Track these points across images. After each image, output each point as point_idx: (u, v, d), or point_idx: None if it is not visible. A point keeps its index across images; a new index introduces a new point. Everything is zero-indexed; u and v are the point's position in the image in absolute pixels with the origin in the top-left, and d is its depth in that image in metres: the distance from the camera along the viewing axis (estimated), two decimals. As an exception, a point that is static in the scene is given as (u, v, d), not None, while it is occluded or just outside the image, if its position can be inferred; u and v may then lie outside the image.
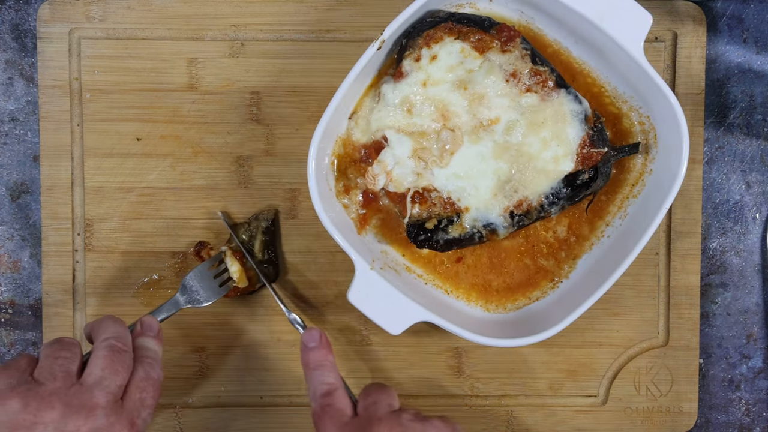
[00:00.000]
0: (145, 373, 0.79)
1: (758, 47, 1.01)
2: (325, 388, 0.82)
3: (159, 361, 0.83)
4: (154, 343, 0.84)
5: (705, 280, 1.01)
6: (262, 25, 0.97)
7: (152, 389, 0.79)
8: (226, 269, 0.95)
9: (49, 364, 0.75)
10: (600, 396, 1.01)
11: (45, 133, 0.97)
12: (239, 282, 0.94)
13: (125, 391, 0.77)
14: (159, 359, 0.83)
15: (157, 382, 0.80)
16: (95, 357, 0.77)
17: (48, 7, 0.96)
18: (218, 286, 0.94)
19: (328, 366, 0.83)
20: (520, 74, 0.89)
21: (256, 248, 0.95)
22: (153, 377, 0.80)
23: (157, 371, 0.81)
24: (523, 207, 0.90)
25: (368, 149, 0.91)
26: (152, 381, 0.80)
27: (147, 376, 0.79)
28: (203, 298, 0.93)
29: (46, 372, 0.75)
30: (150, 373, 0.80)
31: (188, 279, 0.93)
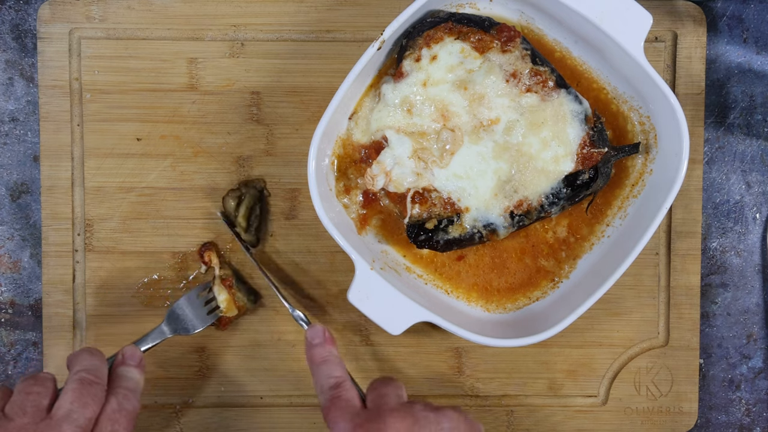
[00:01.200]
0: (118, 405, 0.78)
1: (758, 47, 1.01)
2: (332, 381, 0.81)
3: (137, 391, 0.82)
4: (135, 372, 0.83)
5: (705, 280, 1.01)
6: (262, 25, 0.97)
7: (125, 420, 0.78)
8: (215, 297, 0.95)
9: (21, 399, 0.75)
10: (600, 396, 1.01)
11: (45, 133, 0.97)
12: (227, 311, 0.95)
13: (96, 422, 0.76)
14: (137, 389, 0.82)
15: (131, 413, 0.79)
16: (65, 390, 0.77)
17: (48, 7, 0.96)
18: (206, 314, 0.95)
19: (333, 360, 0.83)
20: (520, 74, 0.89)
21: (240, 214, 0.95)
22: (127, 408, 0.79)
23: (133, 402, 0.80)
24: (524, 207, 0.90)
25: (368, 149, 0.91)
26: (125, 412, 0.79)
27: (120, 408, 0.78)
28: (190, 326, 0.94)
29: (17, 407, 0.75)
30: (124, 404, 0.79)
31: (176, 307, 0.94)
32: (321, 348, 0.84)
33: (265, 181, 0.97)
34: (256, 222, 0.96)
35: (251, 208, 0.95)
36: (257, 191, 0.96)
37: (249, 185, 0.96)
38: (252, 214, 0.95)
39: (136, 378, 0.83)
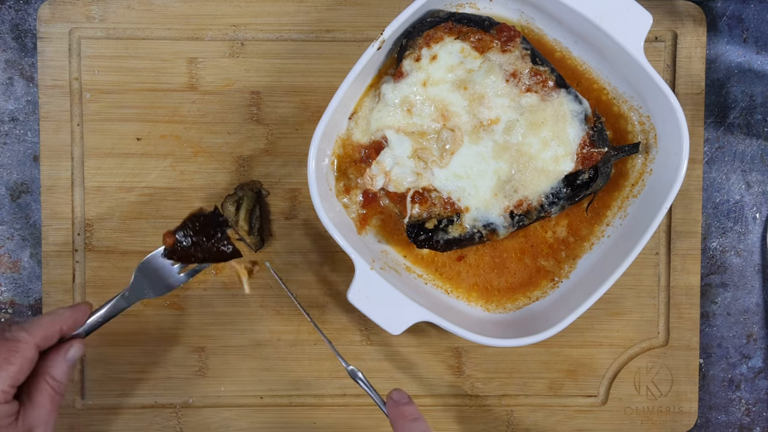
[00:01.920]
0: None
1: (758, 47, 1.01)
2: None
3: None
4: (67, 367, 0.79)
5: (705, 280, 1.01)
6: (262, 25, 0.97)
7: None
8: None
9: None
10: (600, 396, 1.01)
11: (45, 133, 0.97)
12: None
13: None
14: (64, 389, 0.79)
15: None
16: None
17: (48, 7, 0.96)
18: (178, 272, 0.89)
19: (422, 419, 0.84)
20: (520, 74, 0.89)
21: (241, 217, 0.94)
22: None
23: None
24: (523, 207, 0.90)
25: (368, 149, 0.91)
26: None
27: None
28: (163, 286, 0.88)
29: None
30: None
31: (146, 264, 0.88)
32: (410, 406, 0.84)
33: (261, 182, 0.97)
34: (257, 223, 0.96)
35: (251, 210, 0.95)
36: (255, 193, 0.96)
37: (246, 188, 0.96)
38: (252, 216, 0.95)
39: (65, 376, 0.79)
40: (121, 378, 0.98)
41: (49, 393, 0.76)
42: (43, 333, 0.77)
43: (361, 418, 1.00)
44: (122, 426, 0.98)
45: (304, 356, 0.99)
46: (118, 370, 0.98)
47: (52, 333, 0.78)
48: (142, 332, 0.98)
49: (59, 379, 0.77)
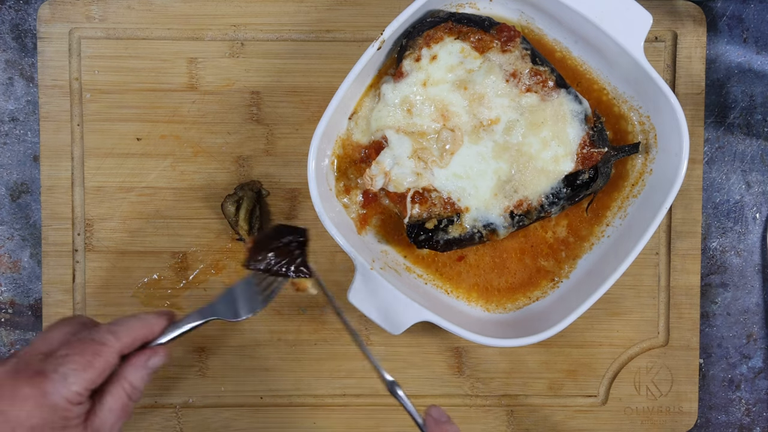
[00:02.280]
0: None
1: (758, 47, 1.01)
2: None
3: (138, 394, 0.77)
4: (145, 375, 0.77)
5: (705, 280, 1.01)
6: (262, 25, 0.97)
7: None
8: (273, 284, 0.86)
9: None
10: (600, 396, 1.01)
11: (45, 133, 0.97)
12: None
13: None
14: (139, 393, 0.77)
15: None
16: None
17: (48, 7, 0.96)
18: (260, 300, 0.85)
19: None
20: (520, 74, 0.89)
21: (241, 218, 0.94)
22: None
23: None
24: (523, 207, 0.90)
25: (368, 149, 0.91)
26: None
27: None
28: (242, 311, 0.85)
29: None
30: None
31: (234, 290, 0.85)
32: (450, 425, 0.82)
33: (261, 182, 0.97)
34: (257, 223, 0.96)
35: (251, 210, 0.95)
36: (254, 193, 0.96)
37: (245, 188, 0.96)
38: (252, 216, 0.95)
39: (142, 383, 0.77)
40: (121, 378, 0.98)
41: (122, 399, 0.74)
42: (130, 339, 0.75)
43: (361, 418, 1.00)
44: (122, 426, 0.98)
45: (304, 356, 0.99)
46: (118, 370, 0.98)
47: (138, 339, 0.76)
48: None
49: (136, 386, 0.75)
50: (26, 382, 0.69)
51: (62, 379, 0.69)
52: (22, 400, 0.68)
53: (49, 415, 0.68)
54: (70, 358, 0.70)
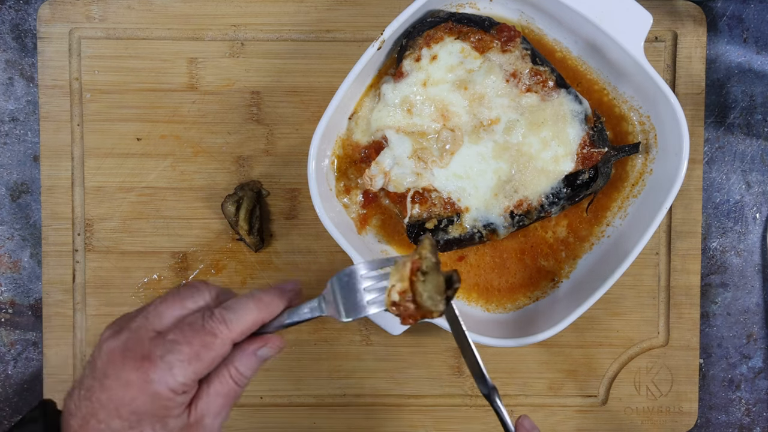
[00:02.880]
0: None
1: (758, 47, 1.01)
2: None
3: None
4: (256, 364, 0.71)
5: (705, 280, 1.01)
6: (262, 25, 0.97)
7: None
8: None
9: None
10: (600, 396, 1.01)
11: (45, 133, 0.97)
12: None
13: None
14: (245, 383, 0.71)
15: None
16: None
17: (48, 7, 0.96)
18: (366, 301, 0.70)
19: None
20: (520, 74, 0.89)
21: (241, 218, 0.94)
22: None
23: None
24: (524, 207, 0.90)
25: (368, 149, 0.91)
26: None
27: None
28: (349, 310, 0.71)
29: None
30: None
31: (349, 275, 0.71)
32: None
33: (261, 182, 0.97)
34: (257, 223, 0.96)
35: (251, 210, 0.95)
36: (254, 193, 0.96)
37: (246, 188, 0.96)
38: (252, 216, 0.95)
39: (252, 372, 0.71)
40: (121, 378, 0.98)
41: (229, 385, 0.69)
42: (243, 329, 0.68)
43: (361, 418, 1.00)
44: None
45: (304, 356, 0.99)
46: (118, 370, 0.98)
47: (252, 328, 0.69)
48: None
49: (244, 374, 0.70)
50: (133, 366, 0.65)
51: (168, 368, 0.65)
52: (126, 384, 0.65)
53: (151, 402, 0.65)
54: (178, 347, 0.65)
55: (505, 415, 0.78)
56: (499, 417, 0.78)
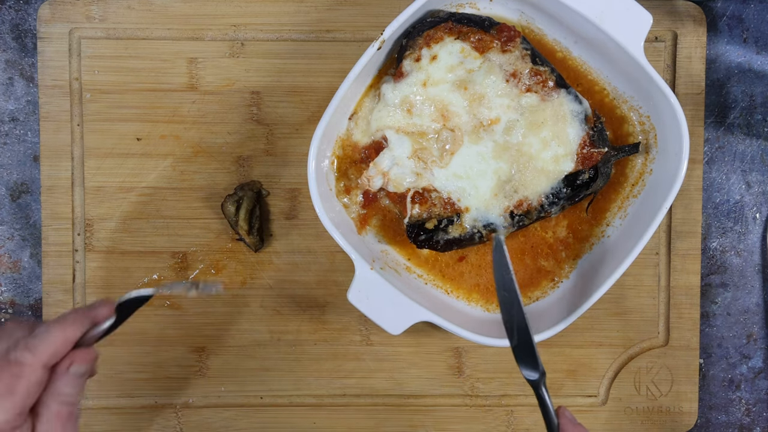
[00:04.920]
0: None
1: (758, 47, 1.01)
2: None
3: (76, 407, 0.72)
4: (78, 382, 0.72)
5: (705, 280, 1.01)
6: (262, 25, 0.97)
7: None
8: None
9: None
10: (600, 396, 1.01)
11: (45, 133, 0.97)
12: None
13: None
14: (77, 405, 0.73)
15: None
16: None
17: (48, 7, 0.96)
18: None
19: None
20: (520, 74, 0.89)
21: (241, 217, 0.94)
22: None
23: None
24: (524, 207, 0.90)
25: (368, 149, 0.91)
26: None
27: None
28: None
29: None
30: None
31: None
32: (581, 427, 0.79)
33: (261, 182, 0.97)
34: (257, 223, 0.96)
35: (251, 210, 0.95)
36: (255, 193, 0.96)
37: (246, 188, 0.96)
38: (252, 216, 0.95)
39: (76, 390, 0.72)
40: (121, 378, 0.98)
41: (56, 409, 0.70)
42: (50, 351, 0.69)
43: (361, 418, 1.00)
44: (122, 426, 0.98)
45: (304, 356, 0.99)
46: (118, 370, 0.98)
47: (61, 348, 0.70)
48: (142, 332, 0.98)
49: (68, 393, 0.71)
50: None
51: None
52: None
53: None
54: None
55: (550, 403, 0.76)
56: (543, 408, 0.76)
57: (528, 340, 0.75)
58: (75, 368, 0.71)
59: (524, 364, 0.76)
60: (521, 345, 0.76)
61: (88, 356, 0.72)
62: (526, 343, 0.75)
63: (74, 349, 0.72)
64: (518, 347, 0.76)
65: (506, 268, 0.77)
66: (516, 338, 0.75)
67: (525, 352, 0.75)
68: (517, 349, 0.76)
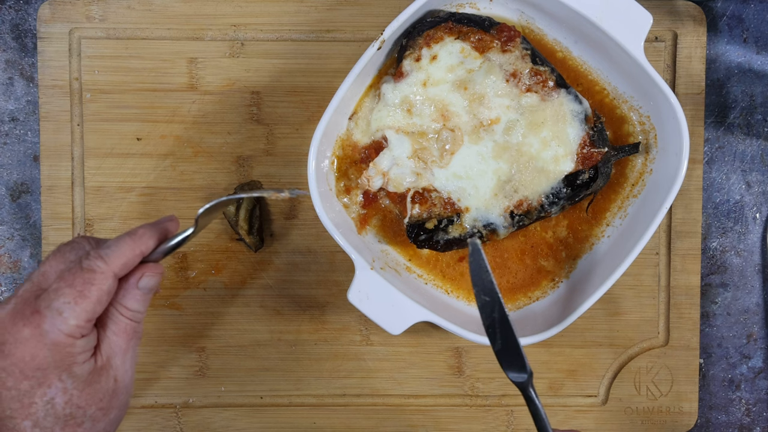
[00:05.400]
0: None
1: (758, 47, 1.01)
2: None
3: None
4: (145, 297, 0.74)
5: (705, 280, 1.01)
6: (262, 25, 0.97)
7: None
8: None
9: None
10: (600, 396, 1.01)
11: (45, 133, 0.97)
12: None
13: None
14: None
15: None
16: None
17: (48, 7, 0.96)
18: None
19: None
20: (520, 74, 0.89)
21: (241, 217, 0.94)
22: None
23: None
24: (524, 207, 0.90)
25: (368, 149, 0.91)
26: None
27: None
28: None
29: None
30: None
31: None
32: None
33: (261, 182, 0.97)
34: (257, 223, 0.96)
35: (251, 210, 0.95)
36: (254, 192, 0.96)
37: (246, 188, 0.96)
38: (252, 216, 0.95)
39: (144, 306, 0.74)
40: (121, 378, 0.98)
41: (123, 323, 0.71)
42: (122, 261, 0.70)
43: (361, 418, 1.00)
44: (122, 426, 0.98)
45: (304, 356, 0.99)
46: (118, 370, 0.98)
47: (132, 259, 0.71)
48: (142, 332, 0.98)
49: (134, 308, 0.71)
50: (24, 323, 0.66)
51: (57, 315, 0.66)
52: (23, 342, 0.65)
53: (53, 353, 0.66)
54: (61, 292, 0.67)
55: (540, 407, 0.75)
56: (531, 407, 0.74)
57: (513, 342, 0.75)
58: (144, 282, 0.72)
59: (510, 366, 0.75)
60: (505, 348, 0.75)
61: (156, 270, 0.73)
62: (510, 345, 0.75)
63: (143, 263, 0.73)
64: (502, 351, 0.75)
65: (486, 271, 0.77)
66: (499, 342, 0.75)
67: (510, 354, 0.75)
68: (501, 353, 0.75)
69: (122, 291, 0.71)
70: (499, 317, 0.76)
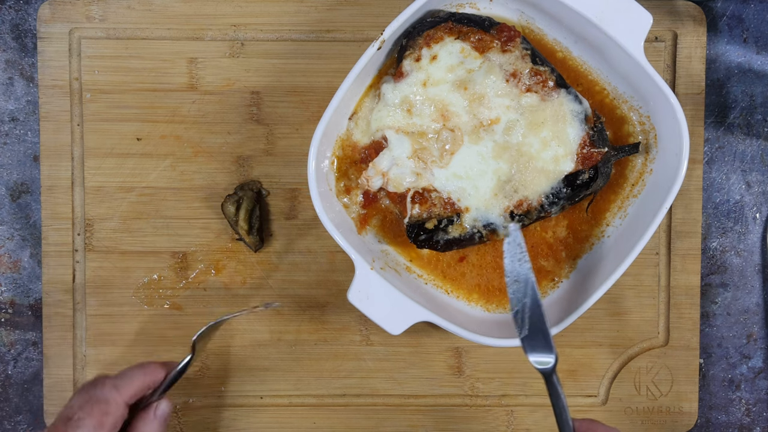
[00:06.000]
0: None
1: (758, 47, 1.01)
2: None
3: None
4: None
5: (705, 280, 1.01)
6: (262, 25, 0.97)
7: None
8: None
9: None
10: (600, 396, 1.01)
11: (45, 133, 0.97)
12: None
13: None
14: None
15: None
16: None
17: (48, 7, 0.96)
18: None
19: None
20: (520, 74, 0.89)
21: (241, 217, 0.94)
22: None
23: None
24: (524, 207, 0.90)
25: (368, 149, 0.91)
26: None
27: None
28: None
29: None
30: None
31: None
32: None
33: (261, 182, 0.97)
34: (257, 223, 0.96)
35: (251, 210, 0.95)
36: (254, 193, 0.96)
37: (245, 188, 0.96)
38: (252, 216, 0.96)
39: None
40: (121, 378, 0.98)
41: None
42: (133, 391, 0.80)
43: (361, 418, 1.00)
44: None
45: (304, 356, 0.99)
46: (118, 369, 0.98)
47: (142, 389, 0.81)
48: (142, 332, 0.98)
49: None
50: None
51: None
52: None
53: None
54: (83, 422, 0.76)
55: (562, 395, 0.75)
56: (553, 397, 0.74)
57: (542, 327, 0.75)
58: (161, 410, 0.82)
59: (536, 350, 0.76)
60: (533, 333, 0.76)
61: (168, 401, 0.83)
62: (538, 330, 0.75)
63: (153, 401, 0.82)
64: (529, 336, 0.76)
65: (523, 254, 0.77)
66: (528, 327, 0.75)
67: (537, 339, 0.75)
68: (528, 339, 0.76)
69: (140, 422, 0.81)
70: (531, 302, 0.77)
